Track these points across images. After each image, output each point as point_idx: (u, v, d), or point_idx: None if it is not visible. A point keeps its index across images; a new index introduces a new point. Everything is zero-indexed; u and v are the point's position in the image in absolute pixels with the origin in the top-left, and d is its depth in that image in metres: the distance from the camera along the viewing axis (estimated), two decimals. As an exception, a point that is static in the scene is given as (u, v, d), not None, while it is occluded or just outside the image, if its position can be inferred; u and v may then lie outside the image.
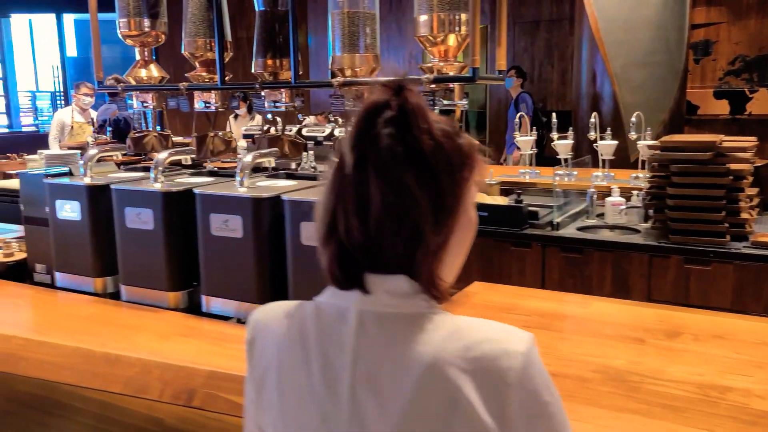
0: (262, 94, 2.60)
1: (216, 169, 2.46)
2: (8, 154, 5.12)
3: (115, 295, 2.03)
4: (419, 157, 0.74)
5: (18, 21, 11.62)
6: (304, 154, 4.62)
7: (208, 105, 3.01)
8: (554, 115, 4.35)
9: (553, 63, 8.46)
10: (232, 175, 2.18)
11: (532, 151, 4.46)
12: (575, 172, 4.28)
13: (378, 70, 2.40)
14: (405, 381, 0.73)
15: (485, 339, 0.74)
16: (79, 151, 4.79)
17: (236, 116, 7.41)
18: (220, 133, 3.03)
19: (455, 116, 2.20)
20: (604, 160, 4.00)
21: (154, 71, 2.97)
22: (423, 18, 1.99)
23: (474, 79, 1.98)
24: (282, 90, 2.68)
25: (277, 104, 2.69)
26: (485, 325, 0.77)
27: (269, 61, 2.55)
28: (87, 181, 2.03)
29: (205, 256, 1.79)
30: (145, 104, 3.31)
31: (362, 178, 0.74)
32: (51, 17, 11.71)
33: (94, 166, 2.22)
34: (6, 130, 10.23)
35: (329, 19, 2.45)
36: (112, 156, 2.23)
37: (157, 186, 1.90)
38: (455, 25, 2.05)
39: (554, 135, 4.19)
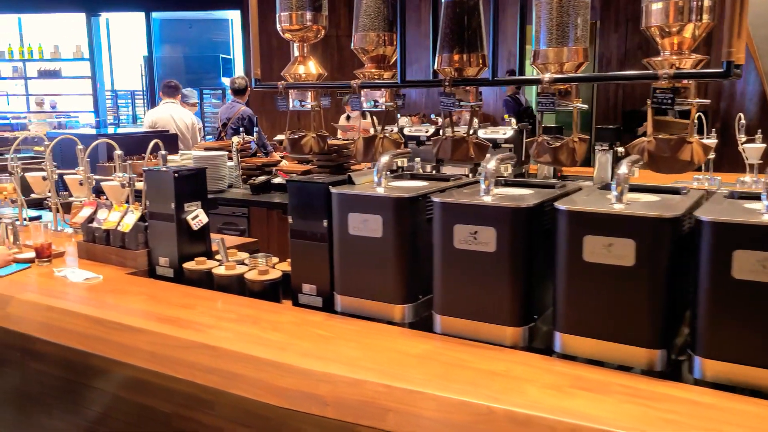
0: (448, 92, 2.35)
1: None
2: (143, 155, 4.92)
3: (415, 325, 1.75)
4: None
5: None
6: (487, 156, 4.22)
7: (376, 104, 2.77)
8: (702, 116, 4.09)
9: (671, 60, 7.97)
10: (529, 186, 1.88)
11: (710, 156, 4.18)
12: (719, 178, 4.09)
13: (586, 65, 2.10)
14: None
15: None
16: (225, 152, 4.59)
17: (348, 117, 7.18)
18: (387, 134, 2.77)
19: (691, 116, 1.89)
20: (751, 164, 3.92)
21: (312, 68, 2.73)
22: (656, 6, 1.70)
23: (729, 74, 1.66)
24: (468, 88, 2.43)
25: (462, 103, 2.43)
26: None
27: (455, 56, 2.27)
28: (390, 192, 1.75)
29: (568, 287, 1.48)
30: (303, 103, 3.10)
31: None
32: (128, 16, 11.72)
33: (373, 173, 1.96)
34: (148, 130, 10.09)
35: (533, 9, 2.18)
36: (396, 161, 1.92)
37: (489, 200, 1.60)
38: (696, 14, 1.74)
39: (709, 137, 3.93)
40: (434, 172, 4.00)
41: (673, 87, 1.81)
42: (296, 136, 2.97)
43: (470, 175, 3.93)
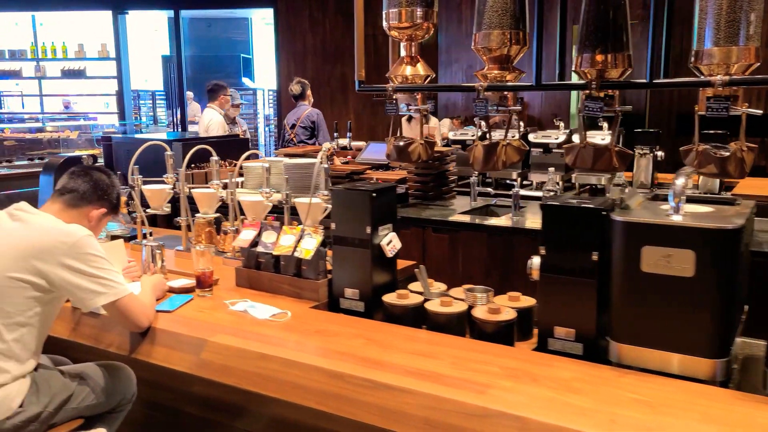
0: (594, 96, 2.09)
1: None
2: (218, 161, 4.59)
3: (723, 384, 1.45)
4: None
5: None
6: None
7: (501, 108, 2.51)
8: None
9: (729, 62, 7.70)
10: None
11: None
12: None
13: (756, 65, 1.84)
14: None
15: None
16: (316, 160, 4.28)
17: (410, 119, 6.85)
18: (509, 141, 2.49)
19: None
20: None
21: (421, 69, 2.46)
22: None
23: None
24: (612, 92, 2.16)
25: (605, 108, 2.17)
26: None
27: (598, 57, 2.01)
28: (702, 220, 1.45)
29: None
30: (410, 107, 2.84)
31: None
32: (145, 14, 11.36)
33: (633, 195, 1.68)
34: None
35: (696, 3, 1.92)
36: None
37: None
38: None
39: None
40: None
41: None
42: (401, 144, 2.70)
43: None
